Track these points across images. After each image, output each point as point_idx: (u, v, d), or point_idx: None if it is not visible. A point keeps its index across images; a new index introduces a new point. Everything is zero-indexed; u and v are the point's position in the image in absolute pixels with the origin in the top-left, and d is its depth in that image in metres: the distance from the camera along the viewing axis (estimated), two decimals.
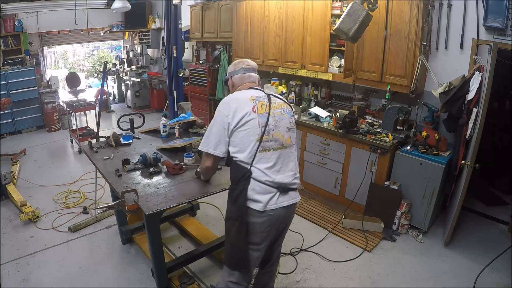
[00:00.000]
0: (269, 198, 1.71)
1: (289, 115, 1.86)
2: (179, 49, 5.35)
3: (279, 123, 1.78)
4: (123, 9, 6.03)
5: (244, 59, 2.02)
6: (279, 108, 1.82)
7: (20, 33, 6.32)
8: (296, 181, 1.82)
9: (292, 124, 1.87)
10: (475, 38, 3.13)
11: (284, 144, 1.78)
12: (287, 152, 1.80)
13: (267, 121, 1.73)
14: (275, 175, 1.73)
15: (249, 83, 1.93)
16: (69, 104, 5.67)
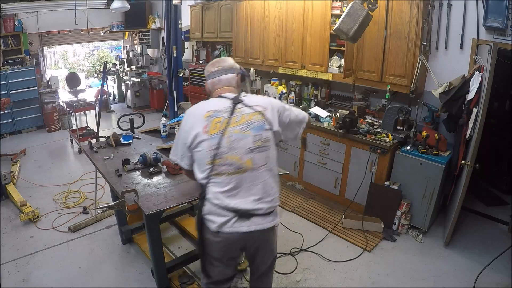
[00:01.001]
0: (223, 221, 1.56)
1: (255, 132, 1.56)
2: (179, 49, 5.36)
3: (235, 144, 1.53)
4: (122, 9, 6.04)
5: (219, 59, 1.79)
6: (241, 124, 1.55)
7: (20, 33, 6.32)
8: (262, 206, 1.59)
9: (259, 142, 1.56)
10: (475, 38, 3.12)
11: (242, 167, 1.54)
12: (250, 176, 1.56)
13: (219, 143, 1.52)
14: (229, 200, 1.55)
15: (219, 90, 1.71)
16: (69, 104, 5.67)
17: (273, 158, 1.65)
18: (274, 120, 1.64)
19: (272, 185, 1.65)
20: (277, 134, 1.67)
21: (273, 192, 1.65)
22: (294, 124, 1.80)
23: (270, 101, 1.70)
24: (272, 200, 1.65)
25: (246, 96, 1.67)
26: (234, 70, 1.76)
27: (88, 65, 12.02)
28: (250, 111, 1.60)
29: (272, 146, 1.63)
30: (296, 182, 4.26)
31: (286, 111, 1.74)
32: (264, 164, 1.59)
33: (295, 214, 3.66)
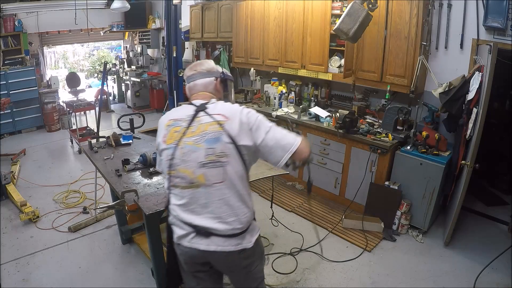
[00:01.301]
0: (182, 234, 1.49)
1: (209, 144, 1.39)
2: (179, 49, 5.36)
3: (187, 156, 1.41)
4: (122, 9, 6.04)
5: (197, 62, 1.66)
6: (196, 135, 1.42)
7: (20, 33, 6.32)
8: (221, 226, 1.43)
9: (212, 156, 1.39)
10: (475, 38, 3.12)
11: (195, 182, 1.42)
12: (205, 193, 1.42)
13: (173, 154, 1.44)
14: (186, 215, 1.47)
15: (194, 95, 1.59)
16: (69, 104, 5.67)
17: (237, 175, 1.43)
18: (241, 133, 1.41)
19: (235, 205, 1.45)
20: (248, 150, 1.44)
21: (239, 213, 1.45)
22: (274, 148, 1.44)
23: (239, 112, 1.45)
24: (236, 222, 1.45)
25: (214, 104, 1.50)
26: (212, 73, 1.60)
27: (88, 65, 12.01)
28: (209, 120, 1.44)
29: (232, 162, 1.41)
30: (296, 182, 4.26)
31: (260, 129, 1.44)
32: (221, 182, 1.41)
33: (295, 214, 3.66)
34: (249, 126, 1.43)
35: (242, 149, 1.42)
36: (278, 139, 1.43)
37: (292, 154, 1.42)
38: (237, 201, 1.45)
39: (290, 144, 1.43)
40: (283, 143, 1.43)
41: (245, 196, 1.49)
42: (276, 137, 1.43)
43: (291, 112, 4.22)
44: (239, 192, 1.45)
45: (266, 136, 1.43)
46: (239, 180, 1.45)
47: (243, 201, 1.47)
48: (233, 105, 1.51)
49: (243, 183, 1.47)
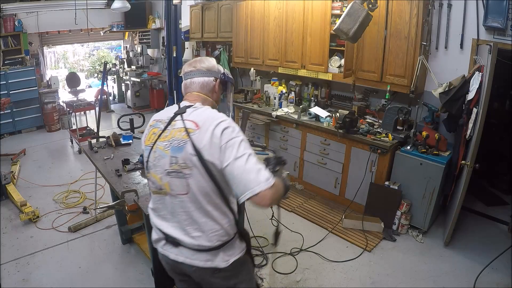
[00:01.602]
0: (156, 238, 1.46)
1: (173, 152, 1.29)
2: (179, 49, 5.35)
3: (157, 161, 1.35)
4: (122, 9, 6.04)
5: (198, 58, 1.52)
6: (166, 140, 1.33)
7: (20, 33, 6.32)
8: (186, 239, 1.34)
9: (176, 166, 1.29)
10: (475, 38, 3.12)
11: (162, 189, 1.36)
12: (171, 202, 1.35)
13: (148, 156, 1.39)
14: (157, 220, 1.44)
15: (188, 94, 1.48)
16: (69, 104, 5.67)
17: (201, 191, 1.29)
18: (209, 148, 1.24)
19: (200, 220, 1.32)
20: (215, 168, 1.26)
21: (206, 229, 1.32)
22: (238, 179, 1.22)
23: (215, 124, 1.26)
24: (202, 238, 1.33)
25: (194, 109, 1.37)
26: (212, 73, 1.47)
27: (88, 65, 12.02)
28: (180, 126, 1.32)
29: (196, 176, 1.27)
30: (296, 182, 4.26)
31: (231, 152, 1.22)
32: (185, 194, 1.30)
33: (295, 214, 3.66)
34: (220, 143, 1.24)
35: (209, 165, 1.25)
36: (246, 172, 1.20)
37: (250, 196, 1.19)
38: (202, 217, 1.32)
39: (254, 185, 1.18)
40: (247, 178, 1.19)
41: (213, 213, 1.32)
42: (245, 168, 1.20)
43: (291, 112, 4.22)
44: (204, 208, 1.31)
45: (234, 162, 1.21)
46: (203, 196, 1.29)
47: (211, 218, 1.32)
48: (215, 114, 1.33)
49: (209, 199, 1.31)
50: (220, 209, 1.34)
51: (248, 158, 1.22)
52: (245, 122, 4.46)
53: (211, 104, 1.47)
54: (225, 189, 1.32)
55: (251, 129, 4.63)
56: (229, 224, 1.37)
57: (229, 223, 1.37)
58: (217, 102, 1.52)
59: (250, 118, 4.43)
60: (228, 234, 1.37)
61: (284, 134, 4.22)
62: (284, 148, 4.24)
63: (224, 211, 1.35)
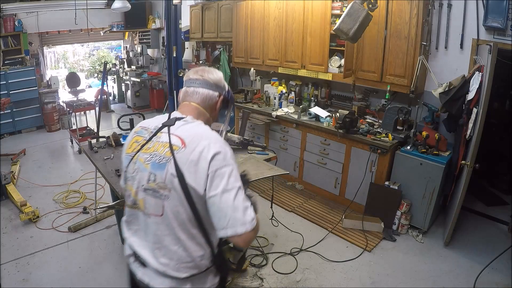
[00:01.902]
0: (127, 254, 1.33)
1: (153, 169, 1.17)
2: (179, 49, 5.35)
3: (136, 174, 1.23)
4: (123, 9, 6.04)
5: (206, 68, 1.39)
6: (148, 153, 1.21)
7: (20, 33, 6.32)
8: (155, 263, 1.20)
9: (153, 184, 1.16)
10: (475, 38, 3.12)
11: (136, 205, 1.24)
12: (143, 220, 1.23)
13: (127, 166, 1.27)
14: (128, 234, 1.32)
15: (184, 103, 1.34)
16: (69, 104, 5.68)
17: (176, 217, 1.15)
18: (193, 171, 1.11)
19: (171, 248, 1.18)
20: (197, 195, 1.13)
21: (175, 258, 1.19)
22: (222, 213, 1.11)
23: (206, 145, 1.13)
24: (169, 267, 1.19)
25: (185, 122, 1.24)
26: (219, 88, 1.35)
27: (88, 65, 12.02)
28: (165, 140, 1.19)
29: (173, 200, 1.14)
30: (296, 182, 4.26)
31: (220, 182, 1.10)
32: (159, 215, 1.17)
33: (295, 214, 3.66)
34: (207, 169, 1.11)
35: (191, 191, 1.12)
36: (233, 208, 1.10)
37: (232, 236, 1.10)
38: (173, 244, 1.18)
39: (239, 224, 1.10)
40: (233, 216, 1.10)
41: (187, 243, 1.18)
42: (232, 205, 1.10)
43: (291, 112, 4.22)
44: (177, 235, 1.17)
45: (221, 195, 1.10)
46: (177, 223, 1.16)
47: (183, 248, 1.18)
48: (207, 132, 1.20)
49: (184, 228, 1.17)
50: (195, 240, 1.19)
51: (237, 193, 1.11)
52: (245, 122, 4.46)
53: (206, 120, 1.32)
54: (204, 219, 1.17)
55: (251, 129, 4.63)
56: (203, 258, 1.22)
57: (204, 257, 1.22)
58: (213, 120, 1.39)
59: (250, 118, 4.43)
60: (198, 268, 1.22)
61: (284, 134, 4.22)
62: (284, 148, 4.24)
63: (200, 243, 1.20)
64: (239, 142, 2.73)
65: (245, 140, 2.76)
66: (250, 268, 2.82)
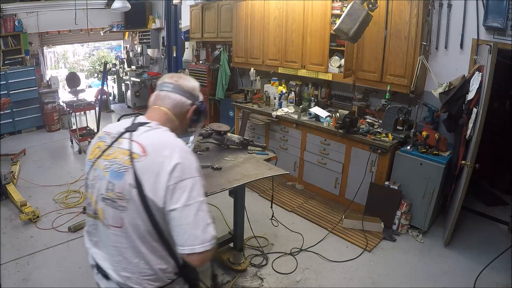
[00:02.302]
0: (91, 264, 1.31)
1: (111, 177, 1.11)
2: (179, 49, 5.36)
3: (95, 181, 1.17)
4: (123, 9, 6.04)
5: (182, 74, 1.36)
6: (108, 160, 1.14)
7: (20, 33, 6.32)
8: (116, 277, 1.16)
9: (111, 193, 1.11)
10: (475, 38, 3.12)
11: (97, 214, 1.18)
12: (103, 231, 1.18)
13: (88, 173, 1.21)
14: (90, 244, 1.28)
15: (153, 108, 1.27)
16: (69, 104, 5.67)
17: (136, 230, 1.10)
18: (153, 182, 1.06)
19: (132, 261, 1.13)
20: (157, 208, 1.08)
21: (136, 271, 1.14)
22: (182, 229, 1.07)
23: (169, 154, 1.08)
24: (130, 280, 1.15)
25: (148, 128, 1.17)
26: (193, 97, 1.29)
27: (88, 65, 12.02)
28: (125, 147, 1.12)
29: (131, 211, 1.09)
30: (296, 182, 4.26)
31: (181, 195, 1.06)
32: (118, 227, 1.12)
33: (295, 214, 3.66)
34: (168, 181, 1.05)
35: (150, 203, 1.06)
36: (193, 225, 1.06)
37: (190, 253, 1.06)
38: (134, 257, 1.13)
39: (198, 243, 1.05)
40: (193, 233, 1.05)
41: (148, 256, 1.13)
42: (193, 221, 1.06)
43: (291, 112, 4.22)
44: (138, 248, 1.12)
45: (182, 210, 1.05)
46: (137, 236, 1.11)
47: (144, 261, 1.13)
48: (171, 141, 1.14)
49: (144, 240, 1.11)
50: (157, 254, 1.14)
51: (199, 208, 1.07)
52: (245, 122, 4.47)
53: (175, 128, 1.25)
54: (165, 232, 1.11)
55: (251, 129, 4.63)
56: (166, 271, 1.17)
57: (167, 270, 1.17)
58: (182, 129, 1.31)
59: (250, 118, 4.43)
60: (162, 281, 1.17)
61: (284, 134, 4.22)
62: (284, 148, 4.24)
63: (162, 256, 1.15)
64: (239, 142, 2.73)
65: (245, 140, 2.76)
66: (250, 268, 2.83)
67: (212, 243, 1.07)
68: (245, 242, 3.06)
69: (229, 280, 2.69)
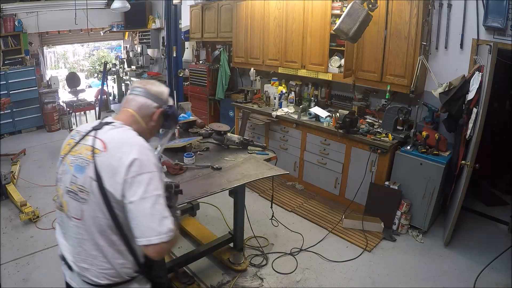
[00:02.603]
0: (59, 254, 1.36)
1: (75, 171, 1.18)
2: (179, 49, 5.34)
3: (63, 175, 1.24)
4: (122, 9, 6.04)
5: (154, 81, 1.42)
6: (74, 155, 1.22)
7: (20, 33, 6.31)
8: (76, 268, 1.24)
9: (75, 186, 1.17)
10: (475, 38, 3.12)
11: (62, 207, 1.24)
12: (68, 224, 1.23)
13: (58, 167, 1.28)
14: (58, 236, 1.33)
15: (122, 110, 1.34)
16: (69, 104, 5.68)
17: (95, 223, 1.16)
18: (111, 175, 1.12)
19: (91, 253, 1.19)
20: (116, 201, 1.13)
21: (94, 264, 1.19)
22: (139, 221, 1.12)
23: (127, 151, 1.14)
24: (89, 272, 1.20)
25: (111, 127, 1.24)
26: (158, 100, 1.34)
27: (88, 65, 12.01)
28: (89, 143, 1.20)
29: (92, 204, 1.15)
30: (296, 182, 4.26)
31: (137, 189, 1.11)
32: (78, 219, 1.18)
33: (295, 214, 3.66)
34: (125, 175, 1.11)
35: (109, 196, 1.12)
36: (149, 217, 1.10)
37: (146, 245, 1.11)
38: (93, 250, 1.18)
39: (154, 234, 1.10)
40: (149, 226, 1.10)
41: (106, 250, 1.17)
42: (149, 213, 1.10)
43: (291, 112, 4.22)
44: (96, 241, 1.17)
45: (138, 203, 1.10)
46: (96, 228, 1.16)
47: (102, 254, 1.18)
48: (131, 138, 1.20)
49: (103, 234, 1.17)
50: (115, 248, 1.18)
51: (155, 202, 1.11)
52: (245, 122, 4.47)
53: (141, 129, 1.30)
54: (125, 226, 1.16)
55: (251, 129, 4.63)
56: (124, 266, 1.21)
57: (125, 265, 1.21)
58: (151, 132, 1.37)
59: (250, 118, 4.43)
60: (120, 276, 1.21)
61: (284, 134, 4.22)
62: (284, 148, 4.24)
63: (121, 250, 1.19)
64: (239, 142, 2.73)
65: (245, 140, 2.76)
66: (250, 268, 2.83)
67: (169, 235, 1.11)
68: (245, 242, 3.06)
69: (229, 280, 2.69)
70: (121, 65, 8.21)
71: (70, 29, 7.17)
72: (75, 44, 10.62)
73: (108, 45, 11.59)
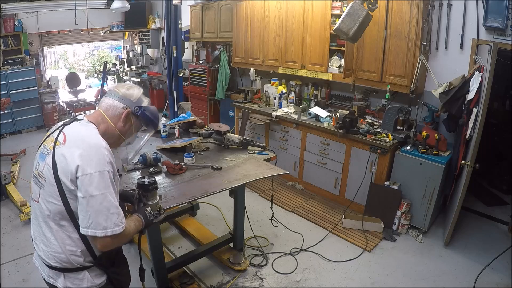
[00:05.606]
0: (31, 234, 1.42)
1: (39, 158, 1.32)
2: (179, 49, 5.35)
3: (34, 162, 1.37)
4: (122, 9, 6.04)
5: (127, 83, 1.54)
6: (44, 145, 1.34)
7: (20, 33, 6.32)
8: (38, 251, 1.34)
9: (37, 171, 1.31)
10: (475, 38, 3.13)
11: (31, 191, 1.37)
12: (33, 205, 1.36)
13: (35, 157, 1.38)
14: (32, 218, 1.40)
15: (95, 110, 1.45)
16: (69, 104, 5.69)
17: (46, 207, 1.26)
18: (66, 167, 1.21)
19: (46, 235, 1.29)
20: (69, 191, 1.22)
21: (49, 245, 1.28)
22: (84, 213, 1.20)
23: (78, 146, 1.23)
24: (45, 253, 1.30)
25: (79, 124, 1.34)
26: (126, 101, 1.41)
27: (88, 65, 12.01)
28: (54, 135, 1.31)
29: (47, 190, 1.25)
30: (296, 182, 4.26)
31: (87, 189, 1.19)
32: (37, 202, 1.31)
33: (295, 214, 3.66)
34: (75, 170, 1.19)
35: (62, 184, 1.21)
36: (97, 212, 1.19)
37: (91, 236, 1.20)
38: (47, 231, 1.28)
39: (100, 228, 1.19)
40: (96, 220, 1.19)
41: (57, 234, 1.26)
42: (98, 208, 1.19)
43: (291, 112, 4.22)
44: (49, 224, 1.27)
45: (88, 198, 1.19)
46: (49, 213, 1.26)
47: (55, 238, 1.27)
48: (90, 136, 1.28)
49: (54, 218, 1.25)
50: (66, 234, 1.26)
51: (104, 199, 1.20)
52: (245, 122, 4.47)
53: (107, 128, 1.38)
54: (76, 214, 1.24)
55: (251, 129, 4.63)
56: (73, 254, 1.27)
57: (75, 253, 1.27)
58: (122, 133, 1.42)
59: (250, 118, 4.43)
60: (69, 263, 1.28)
61: (284, 134, 4.22)
62: (284, 148, 4.24)
63: (71, 237, 1.26)
64: (239, 142, 2.73)
65: (245, 140, 2.76)
66: (250, 268, 2.83)
67: (114, 230, 1.20)
68: (245, 242, 3.06)
69: (229, 280, 2.69)
70: (121, 65, 8.21)
71: (70, 29, 7.17)
72: (75, 44, 10.60)
73: (108, 45, 11.58)
